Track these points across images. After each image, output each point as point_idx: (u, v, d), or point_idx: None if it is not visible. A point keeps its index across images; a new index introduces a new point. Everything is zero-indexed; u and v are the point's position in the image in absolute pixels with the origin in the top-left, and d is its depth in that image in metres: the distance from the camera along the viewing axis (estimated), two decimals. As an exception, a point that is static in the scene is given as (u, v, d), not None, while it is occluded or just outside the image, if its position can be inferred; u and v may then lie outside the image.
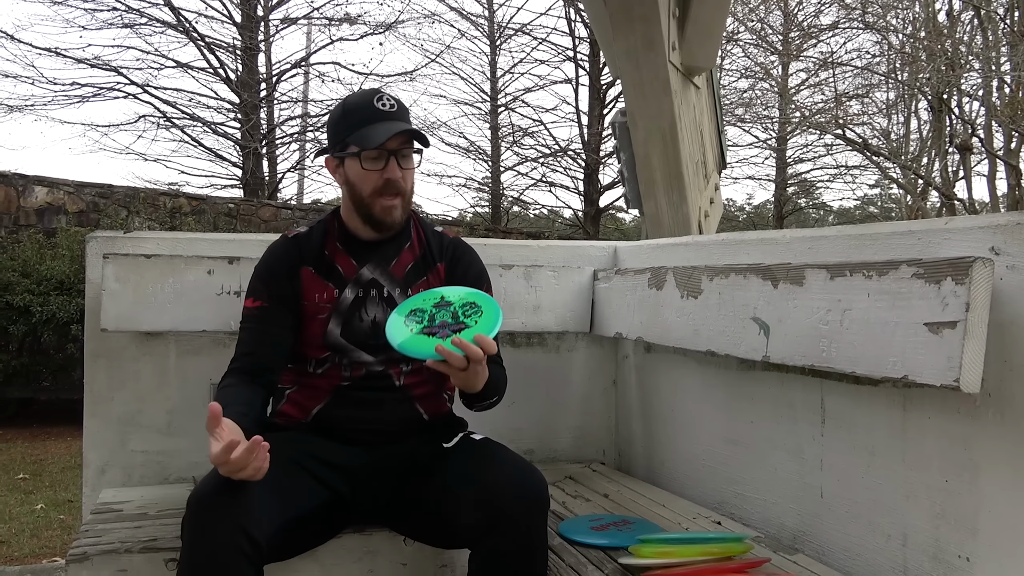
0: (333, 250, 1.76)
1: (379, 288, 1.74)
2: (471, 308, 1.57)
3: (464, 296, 1.61)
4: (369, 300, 1.73)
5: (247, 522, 1.35)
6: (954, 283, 1.22)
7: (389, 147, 1.65)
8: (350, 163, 1.69)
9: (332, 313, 1.71)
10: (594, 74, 14.41)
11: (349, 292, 1.73)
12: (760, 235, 1.91)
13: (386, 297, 1.73)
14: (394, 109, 1.67)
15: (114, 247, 2.04)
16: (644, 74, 3.10)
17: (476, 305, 1.58)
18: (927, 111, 12.27)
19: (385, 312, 1.71)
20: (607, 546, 1.62)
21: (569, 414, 2.48)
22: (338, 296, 1.72)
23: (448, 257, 1.81)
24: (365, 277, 1.74)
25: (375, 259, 1.75)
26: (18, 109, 11.84)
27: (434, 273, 1.79)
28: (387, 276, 1.75)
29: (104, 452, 2.08)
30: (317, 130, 13.67)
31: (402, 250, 1.78)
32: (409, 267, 1.77)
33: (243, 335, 1.72)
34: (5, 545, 3.74)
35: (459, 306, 1.58)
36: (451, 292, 1.63)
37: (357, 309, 1.72)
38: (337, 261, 1.75)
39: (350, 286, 1.73)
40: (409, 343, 1.52)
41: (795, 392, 1.73)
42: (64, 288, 6.51)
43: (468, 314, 1.55)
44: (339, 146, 1.70)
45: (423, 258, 1.79)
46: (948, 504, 1.38)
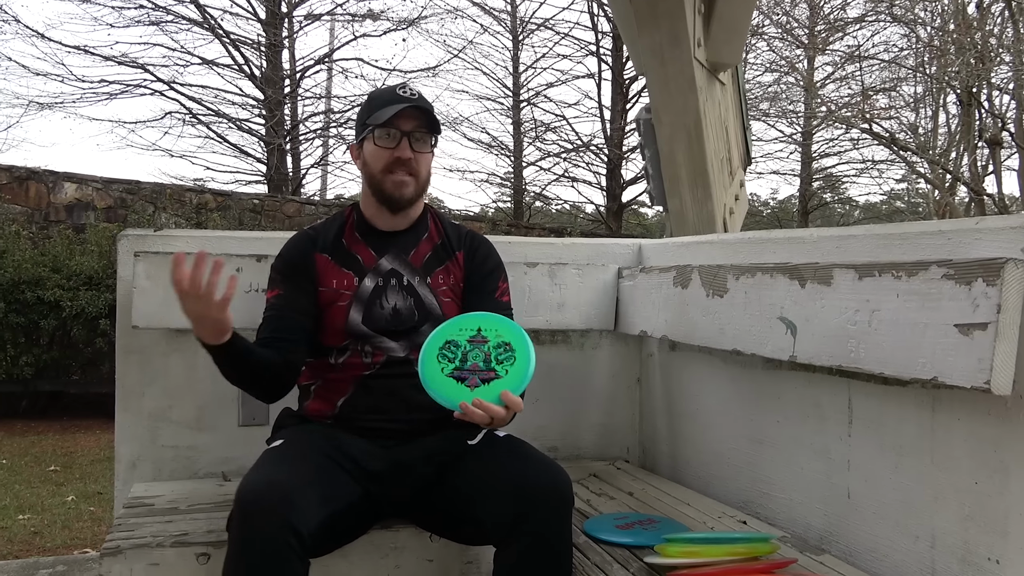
0: (351, 239, 1.80)
1: (399, 277, 1.78)
2: (505, 351, 1.57)
3: (501, 333, 1.61)
4: (389, 288, 1.76)
5: (294, 517, 1.37)
6: (985, 284, 1.21)
7: (402, 127, 1.70)
8: (367, 144, 1.75)
9: (353, 300, 1.74)
10: (617, 69, 14.36)
11: (369, 281, 1.76)
12: (787, 234, 1.90)
13: (406, 285, 1.77)
14: (414, 97, 1.72)
15: (145, 245, 2.07)
16: (669, 71, 3.09)
17: (510, 348, 1.58)
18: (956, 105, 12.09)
19: (406, 300, 1.76)
20: (633, 545, 1.62)
21: (593, 412, 2.48)
22: (358, 284, 1.76)
23: (467, 246, 1.85)
24: (384, 267, 1.78)
25: (394, 249, 1.79)
26: (48, 107, 12.04)
27: (453, 261, 1.83)
28: (406, 265, 1.79)
29: (135, 447, 2.11)
30: (340, 126, 13.77)
31: (420, 240, 1.82)
32: (428, 256, 1.81)
33: (262, 324, 1.76)
34: (38, 536, 3.81)
35: (493, 346, 1.58)
36: (489, 324, 1.63)
37: (378, 297, 1.75)
38: (355, 250, 1.79)
39: (370, 275, 1.77)
40: (438, 387, 1.54)
41: (822, 392, 1.72)
42: (93, 283, 6.60)
43: (501, 358, 1.56)
44: (361, 129, 1.77)
45: (442, 247, 1.83)
46: (977, 506, 1.37)
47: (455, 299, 1.81)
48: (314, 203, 10.92)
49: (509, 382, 1.53)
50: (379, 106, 1.73)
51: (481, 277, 1.83)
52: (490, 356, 1.57)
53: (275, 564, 1.35)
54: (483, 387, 1.52)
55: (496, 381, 1.53)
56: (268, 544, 1.35)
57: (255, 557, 1.36)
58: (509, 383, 1.53)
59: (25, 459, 5.40)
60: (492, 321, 1.64)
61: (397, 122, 1.71)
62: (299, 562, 1.38)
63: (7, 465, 5.23)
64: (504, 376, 1.54)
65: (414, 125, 1.72)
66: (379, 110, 1.72)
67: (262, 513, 1.37)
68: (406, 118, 1.71)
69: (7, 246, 6.68)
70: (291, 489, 1.40)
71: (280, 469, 1.48)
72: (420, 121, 1.73)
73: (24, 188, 8.32)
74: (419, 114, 1.72)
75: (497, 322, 1.64)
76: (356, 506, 1.59)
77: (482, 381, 1.53)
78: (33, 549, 3.63)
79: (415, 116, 1.72)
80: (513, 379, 1.54)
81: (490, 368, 1.55)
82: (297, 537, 1.37)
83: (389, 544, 1.71)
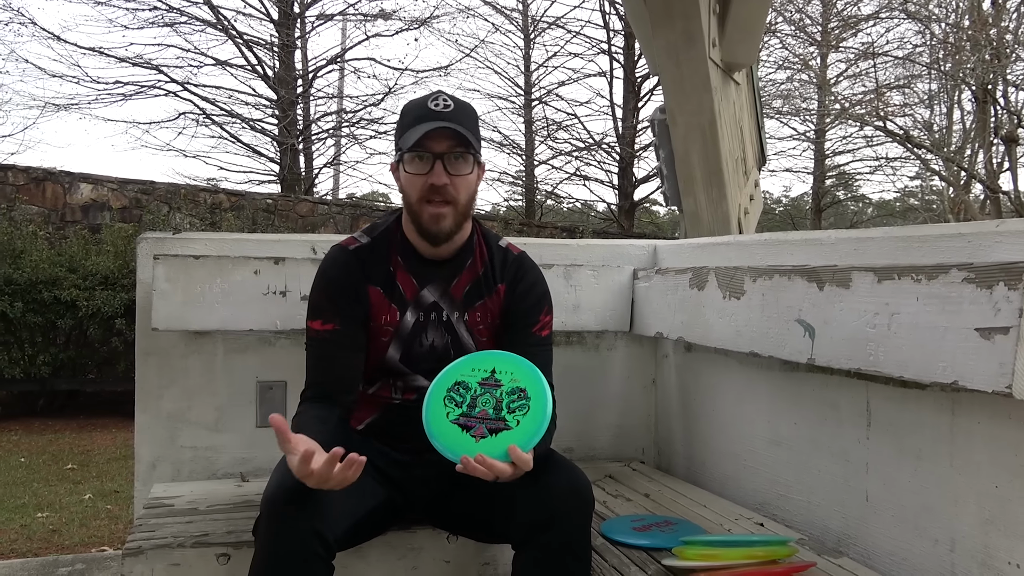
0: (396, 266, 1.66)
1: (439, 311, 1.66)
2: (518, 398, 1.43)
3: (516, 376, 1.47)
4: (430, 324, 1.66)
5: (321, 524, 1.37)
6: (1007, 288, 1.20)
7: (434, 149, 1.54)
8: (401, 168, 1.60)
9: (394, 337, 1.65)
10: (628, 67, 14.34)
11: (410, 316, 1.65)
12: (804, 235, 1.90)
13: (444, 321, 1.66)
14: (448, 109, 1.55)
15: (164, 248, 2.09)
16: (684, 71, 3.08)
17: (524, 395, 1.44)
18: (971, 102, 11.99)
19: (443, 336, 1.66)
20: (650, 547, 1.62)
21: (609, 412, 2.49)
22: (400, 319, 1.65)
23: (510, 277, 1.70)
24: (426, 300, 1.66)
25: (436, 279, 1.66)
26: (64, 108, 12.14)
27: (494, 296, 1.69)
28: (447, 298, 1.66)
29: (155, 448, 2.13)
30: (352, 125, 13.80)
31: (463, 268, 1.68)
32: (468, 288, 1.68)
33: (314, 361, 1.62)
34: (56, 534, 3.85)
35: (507, 391, 1.44)
36: (504, 365, 1.49)
37: (418, 334, 1.65)
38: (399, 280, 1.66)
39: (411, 309, 1.65)
40: (440, 434, 1.41)
41: (840, 394, 1.72)
42: (109, 283, 6.66)
43: (513, 407, 1.42)
44: (397, 150, 1.62)
45: (484, 277, 1.69)
46: (998, 510, 1.36)
47: (491, 338, 1.69)
48: (327, 202, 10.96)
49: (519, 435, 1.39)
50: (409, 123, 1.56)
51: (521, 311, 1.69)
52: (501, 403, 1.43)
53: (302, 572, 1.36)
54: (489, 439, 1.39)
55: (504, 433, 1.39)
56: (296, 552, 1.35)
57: (283, 565, 1.36)
58: (518, 437, 1.38)
59: (43, 457, 5.46)
60: (509, 363, 1.49)
61: (428, 144, 1.53)
62: (325, 568, 1.39)
63: (26, 463, 5.29)
64: (514, 428, 1.40)
65: (448, 145, 1.54)
66: (409, 129, 1.55)
67: (290, 520, 1.36)
68: (438, 138, 1.53)
69: (25, 246, 6.75)
70: (319, 495, 1.38)
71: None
72: (454, 139, 1.54)
73: (41, 189, 8.40)
74: (452, 132, 1.52)
75: (514, 364, 1.49)
76: (378, 508, 1.59)
77: (489, 431, 1.39)
78: (52, 547, 3.67)
79: (448, 135, 1.53)
80: (523, 432, 1.39)
81: (500, 417, 1.41)
82: (323, 544, 1.37)
83: (407, 545, 1.72)
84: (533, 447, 1.39)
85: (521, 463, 1.36)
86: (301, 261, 2.07)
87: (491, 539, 1.67)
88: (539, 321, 1.71)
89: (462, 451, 1.37)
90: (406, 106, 1.63)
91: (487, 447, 1.37)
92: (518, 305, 1.69)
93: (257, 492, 1.97)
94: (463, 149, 1.56)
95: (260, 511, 1.41)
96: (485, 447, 1.37)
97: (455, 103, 1.57)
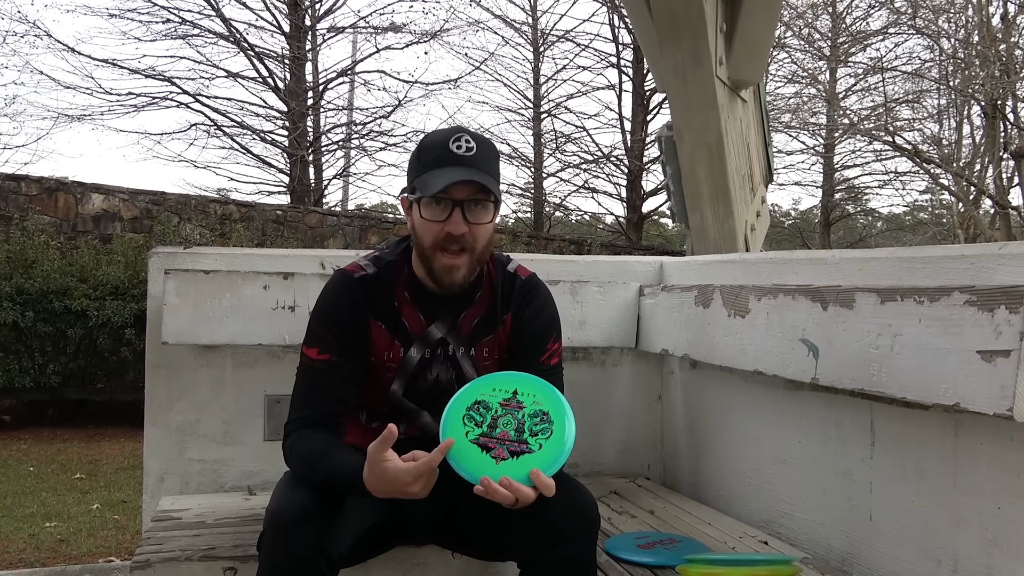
0: (401, 300, 1.61)
1: (445, 347, 1.62)
2: (541, 421, 1.40)
3: (538, 399, 1.43)
4: (435, 359, 1.62)
5: (325, 541, 1.38)
6: (1008, 312, 1.21)
7: (455, 196, 1.47)
8: (414, 209, 1.53)
9: (397, 373, 1.62)
10: (637, 80, 14.37)
11: (415, 352, 1.61)
12: (809, 255, 1.91)
13: (451, 356, 1.63)
14: (470, 153, 1.48)
15: (175, 263, 2.11)
16: (691, 89, 3.10)
17: (547, 418, 1.40)
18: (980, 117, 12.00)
19: (448, 371, 1.62)
20: (654, 564, 1.63)
21: (614, 429, 2.49)
22: (403, 355, 1.61)
23: (516, 306, 1.65)
24: (433, 336, 1.61)
25: (444, 313, 1.61)
26: (77, 119, 12.25)
27: (501, 327, 1.65)
28: (454, 333, 1.62)
29: (163, 460, 2.15)
30: (362, 137, 13.87)
31: (472, 302, 1.62)
32: (476, 321, 1.63)
33: (305, 389, 1.58)
34: (64, 544, 3.87)
35: (529, 414, 1.40)
36: (527, 387, 1.44)
37: (422, 370, 1.62)
38: (404, 315, 1.60)
39: (416, 344, 1.61)
40: (459, 454, 1.37)
41: (844, 414, 1.72)
42: (119, 293, 6.70)
43: (535, 430, 1.39)
44: (410, 186, 1.55)
45: (491, 311, 1.64)
46: (1001, 531, 1.37)
47: (497, 369, 1.63)
48: (336, 214, 11.02)
49: (541, 460, 1.35)
50: (428, 165, 1.49)
51: (529, 338, 1.64)
52: (523, 425, 1.39)
53: None
54: (510, 461, 1.35)
55: (527, 456, 1.36)
56: (300, 567, 1.36)
57: None
58: (541, 461, 1.35)
59: (51, 466, 5.48)
60: (531, 384, 1.45)
61: (449, 190, 1.46)
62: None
63: (34, 472, 5.31)
64: (536, 451, 1.36)
65: (469, 192, 1.48)
66: (428, 172, 1.48)
67: (295, 538, 1.37)
68: (460, 185, 1.47)
69: (36, 256, 6.81)
70: (322, 512, 1.40)
71: (311, 491, 1.45)
72: (476, 188, 1.48)
73: (53, 199, 8.48)
74: (475, 180, 1.47)
75: (536, 386, 1.45)
76: (382, 525, 1.60)
77: (510, 454, 1.36)
78: (59, 557, 3.69)
79: (471, 184, 1.48)
80: (547, 456, 1.35)
81: (522, 440, 1.37)
82: (327, 560, 1.38)
83: (411, 561, 1.73)
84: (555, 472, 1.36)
85: (544, 488, 1.33)
86: (310, 276, 2.09)
87: (495, 557, 1.68)
88: (547, 350, 1.66)
89: (481, 472, 1.34)
90: (425, 142, 1.56)
91: (508, 470, 1.34)
92: (525, 331, 1.65)
93: (264, 506, 1.97)
94: (484, 197, 1.51)
95: (264, 527, 1.42)
96: (506, 469, 1.34)
97: (477, 144, 1.50)
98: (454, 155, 1.48)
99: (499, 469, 1.34)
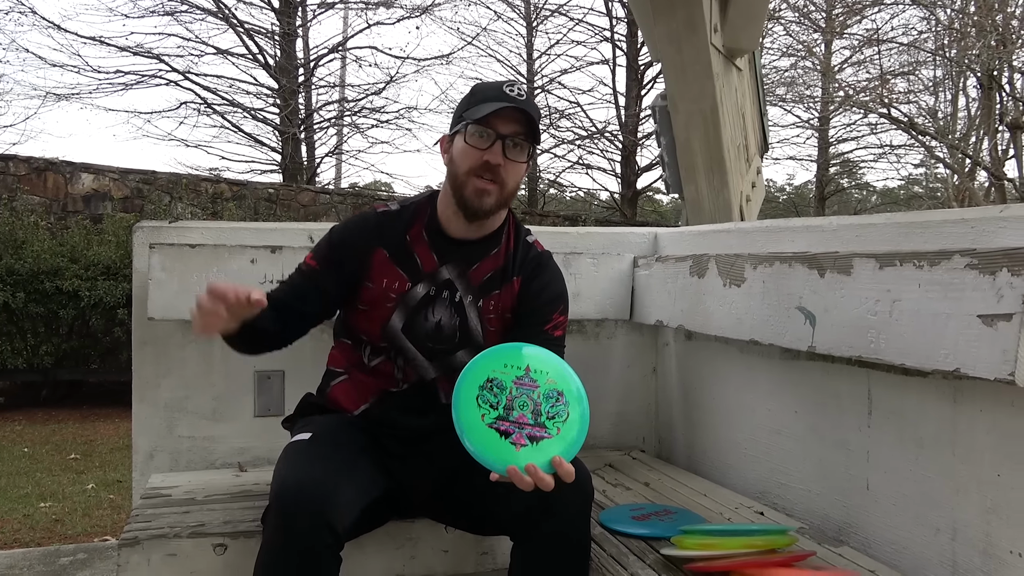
0: (416, 237, 1.65)
1: (452, 291, 1.64)
2: (556, 402, 1.38)
3: (553, 379, 1.41)
4: (439, 300, 1.64)
5: (332, 518, 1.37)
6: (1010, 274, 1.18)
7: (500, 130, 1.54)
8: (458, 138, 1.59)
9: (398, 305, 1.63)
10: (632, 55, 14.26)
11: (421, 288, 1.64)
12: (805, 222, 1.88)
13: (456, 302, 1.64)
14: (522, 98, 1.56)
15: (160, 237, 2.07)
16: (685, 57, 3.05)
17: (562, 398, 1.39)
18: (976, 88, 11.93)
19: (453, 317, 1.63)
20: (649, 536, 1.62)
21: (609, 401, 2.47)
22: (409, 288, 1.63)
23: (527, 272, 1.68)
24: (442, 276, 1.64)
25: (458, 258, 1.65)
26: (65, 98, 12.11)
27: (508, 287, 1.67)
28: (463, 280, 1.65)
29: (152, 437, 2.13)
30: (355, 114, 13.76)
31: (487, 255, 1.66)
32: (488, 276, 1.66)
33: (287, 281, 1.69)
34: (59, 523, 3.86)
35: (544, 395, 1.38)
36: (539, 364, 1.42)
37: (424, 307, 1.63)
38: (417, 251, 1.65)
39: (424, 281, 1.64)
40: (479, 441, 1.33)
41: (841, 382, 1.70)
42: (111, 273, 6.66)
43: (551, 413, 1.37)
44: (456, 122, 1.61)
45: (503, 269, 1.67)
46: (1000, 498, 1.35)
47: (500, 328, 1.67)
48: (328, 192, 10.95)
49: (560, 445, 1.34)
50: (480, 100, 1.56)
51: (533, 308, 1.66)
52: (540, 407, 1.37)
53: (314, 564, 1.35)
54: (531, 447, 1.33)
55: (546, 441, 1.34)
56: (307, 545, 1.35)
57: (294, 557, 1.35)
58: (561, 446, 1.34)
59: (46, 447, 5.47)
60: (543, 361, 1.43)
61: (495, 122, 1.53)
62: (335, 560, 1.39)
63: (29, 453, 5.30)
64: (554, 436, 1.34)
65: (513, 129, 1.54)
66: (479, 104, 1.55)
67: (303, 515, 1.35)
68: (507, 120, 1.53)
69: (26, 237, 6.75)
70: (330, 488, 1.38)
71: (317, 466, 1.45)
72: (521, 126, 1.55)
73: (42, 179, 8.39)
74: (521, 118, 1.54)
75: (549, 363, 1.43)
76: (381, 499, 1.58)
77: (529, 439, 1.34)
78: (54, 536, 3.68)
79: (517, 120, 1.54)
80: (565, 441, 1.35)
81: (539, 423, 1.35)
82: (334, 536, 1.37)
83: (404, 535, 1.72)
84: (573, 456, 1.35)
85: (565, 476, 1.32)
86: (298, 250, 2.06)
87: (489, 531, 1.66)
88: (552, 320, 1.66)
89: (503, 460, 1.31)
90: (478, 86, 1.63)
91: (529, 456, 1.31)
92: (531, 301, 1.66)
93: (255, 482, 1.97)
94: (525, 138, 1.56)
95: (270, 502, 1.41)
96: (527, 456, 1.31)
97: (529, 96, 1.58)
98: (507, 95, 1.55)
99: (520, 456, 1.32)
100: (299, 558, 1.35)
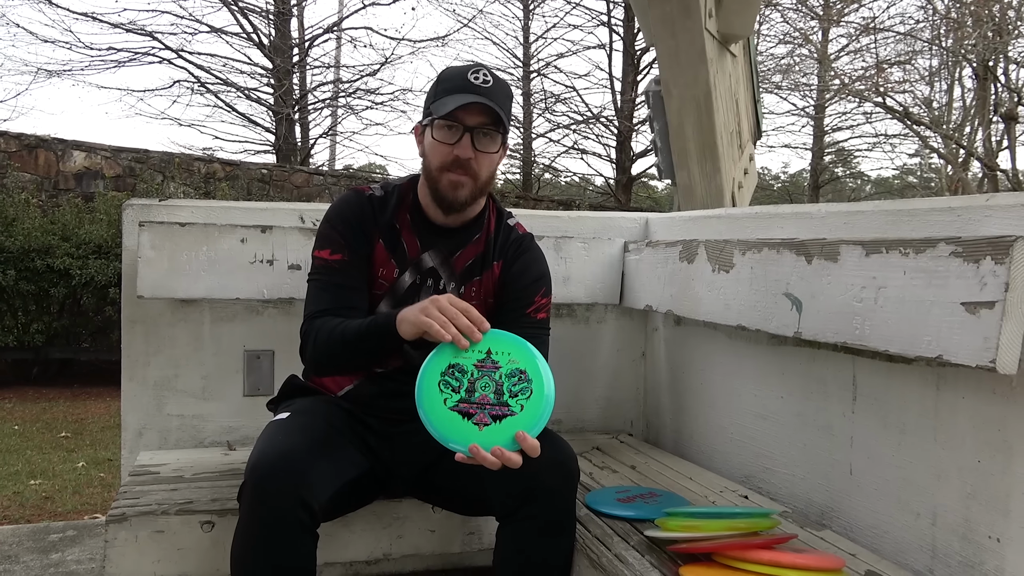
0: (402, 223, 1.66)
1: (436, 279, 1.66)
2: (519, 381, 1.38)
3: (513, 356, 1.41)
4: (424, 289, 1.65)
5: (307, 493, 1.37)
6: (994, 262, 1.19)
7: (466, 122, 1.53)
8: (427, 133, 1.59)
9: (387, 294, 1.65)
10: (628, 39, 14.20)
11: (408, 276, 1.65)
12: (794, 209, 1.88)
13: (440, 290, 1.65)
14: (487, 85, 1.53)
15: (150, 215, 2.07)
16: (680, 42, 3.05)
17: (525, 376, 1.39)
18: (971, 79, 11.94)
19: None
20: (633, 518, 1.63)
21: (597, 385, 2.49)
22: (397, 276, 1.65)
23: (508, 255, 1.69)
24: (426, 264, 1.66)
25: (440, 245, 1.66)
26: (56, 74, 12.00)
27: (488, 272, 1.68)
28: (447, 267, 1.66)
29: (141, 415, 2.13)
30: (349, 95, 13.69)
31: (469, 241, 1.67)
32: (469, 262, 1.67)
33: (320, 289, 1.60)
34: (49, 501, 3.87)
35: (505, 374, 1.38)
36: (500, 345, 1.42)
37: (411, 296, 1.64)
38: (403, 237, 1.65)
39: (410, 269, 1.65)
40: (440, 423, 1.35)
41: (826, 368, 1.71)
42: (102, 252, 6.63)
43: (514, 391, 1.37)
44: (425, 114, 1.61)
45: (484, 255, 1.68)
46: (980, 484, 1.36)
47: (483, 314, 1.56)
48: (322, 173, 10.90)
49: (524, 421, 1.35)
50: (445, 91, 1.54)
51: (515, 291, 1.67)
52: (502, 387, 1.37)
53: (287, 539, 1.36)
54: (494, 426, 1.34)
55: (509, 419, 1.35)
56: (280, 519, 1.35)
57: (267, 532, 1.36)
58: (524, 422, 1.34)
59: (36, 425, 5.47)
60: (504, 342, 1.42)
61: (461, 116, 1.52)
62: (310, 536, 1.39)
63: (19, 431, 5.30)
64: (518, 413, 1.35)
65: (480, 121, 1.53)
66: (444, 97, 1.53)
67: (276, 489, 1.36)
68: (472, 112, 1.52)
69: (17, 214, 6.72)
70: (304, 464, 1.39)
71: (292, 441, 1.45)
72: (487, 116, 1.53)
73: (33, 156, 8.33)
74: (488, 108, 1.52)
75: (510, 344, 1.43)
76: (363, 479, 1.59)
77: (492, 419, 1.34)
78: (44, 514, 3.69)
79: (482, 111, 1.53)
80: (529, 417, 1.35)
81: (502, 402, 1.36)
82: (308, 512, 1.37)
83: (391, 514, 1.73)
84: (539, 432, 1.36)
85: (530, 450, 1.34)
86: (289, 230, 2.06)
87: (475, 511, 1.67)
88: (534, 302, 1.67)
89: (465, 440, 1.33)
90: (444, 73, 1.60)
91: (492, 435, 1.33)
92: (514, 283, 1.67)
93: (243, 461, 1.97)
94: (494, 128, 1.56)
95: (245, 478, 1.41)
96: (490, 435, 1.33)
97: (494, 80, 1.56)
98: (471, 84, 1.53)
99: (483, 435, 1.33)
100: (272, 532, 1.36)
